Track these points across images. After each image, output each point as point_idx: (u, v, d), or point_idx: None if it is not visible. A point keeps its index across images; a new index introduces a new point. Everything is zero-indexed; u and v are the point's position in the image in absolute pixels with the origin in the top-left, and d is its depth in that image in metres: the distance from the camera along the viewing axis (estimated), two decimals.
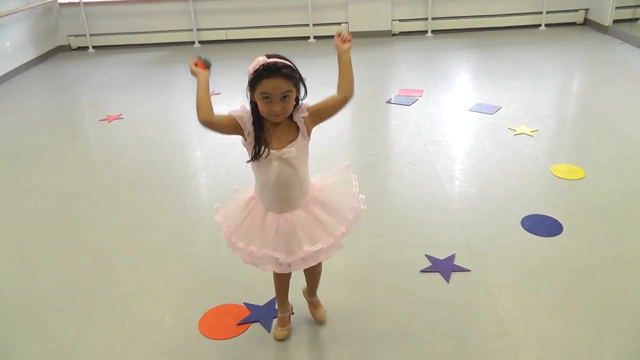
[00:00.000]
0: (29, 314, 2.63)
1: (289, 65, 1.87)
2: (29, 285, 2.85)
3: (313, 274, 2.33)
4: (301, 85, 1.94)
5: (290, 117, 1.96)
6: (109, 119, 5.19)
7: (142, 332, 2.45)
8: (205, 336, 2.38)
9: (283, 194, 2.01)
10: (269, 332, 2.38)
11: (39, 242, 3.24)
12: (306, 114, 1.96)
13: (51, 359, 2.34)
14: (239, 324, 2.43)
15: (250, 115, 1.95)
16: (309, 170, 2.08)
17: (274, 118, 1.91)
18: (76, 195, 3.79)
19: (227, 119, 1.96)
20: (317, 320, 2.40)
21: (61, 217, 3.52)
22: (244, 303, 2.54)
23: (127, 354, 2.34)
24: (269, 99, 1.86)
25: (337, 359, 2.24)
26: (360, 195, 2.13)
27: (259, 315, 2.47)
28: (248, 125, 1.94)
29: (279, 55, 1.89)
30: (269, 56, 1.87)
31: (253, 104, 1.94)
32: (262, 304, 2.51)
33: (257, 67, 1.85)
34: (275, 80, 1.83)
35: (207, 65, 2.01)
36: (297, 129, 1.97)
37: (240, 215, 2.10)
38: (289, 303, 2.39)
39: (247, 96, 1.95)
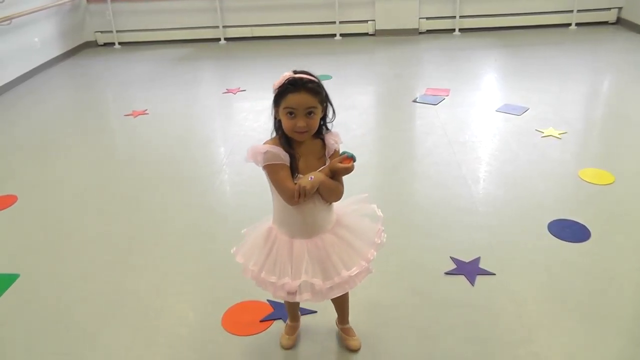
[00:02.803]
0: (54, 303, 2.67)
1: (314, 81, 1.83)
2: (53, 276, 2.89)
3: (342, 300, 2.24)
4: (329, 106, 1.90)
5: (318, 136, 1.92)
6: (134, 114, 5.23)
7: (164, 326, 2.48)
8: (228, 332, 2.39)
9: (309, 218, 1.93)
10: None
11: (63, 234, 3.29)
12: (338, 146, 1.94)
13: (76, 348, 2.38)
14: (261, 321, 2.44)
15: (277, 147, 1.87)
16: None
17: (297, 135, 1.85)
18: (100, 189, 3.83)
19: (285, 172, 1.86)
20: (351, 348, 2.26)
21: (85, 210, 3.56)
22: (267, 300, 2.54)
23: (150, 346, 2.36)
24: (293, 115, 1.81)
25: (360, 359, 2.23)
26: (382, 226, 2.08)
27: (281, 312, 2.47)
28: (285, 155, 1.85)
29: (305, 71, 1.86)
30: (295, 72, 1.84)
31: (277, 121, 1.89)
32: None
33: (283, 81, 1.81)
34: (300, 94, 1.79)
35: (354, 160, 1.87)
36: (323, 148, 1.93)
37: (264, 249, 1.99)
38: (299, 314, 2.36)
39: (271, 114, 1.90)
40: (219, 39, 8.08)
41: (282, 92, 1.81)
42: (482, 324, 2.37)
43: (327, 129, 1.95)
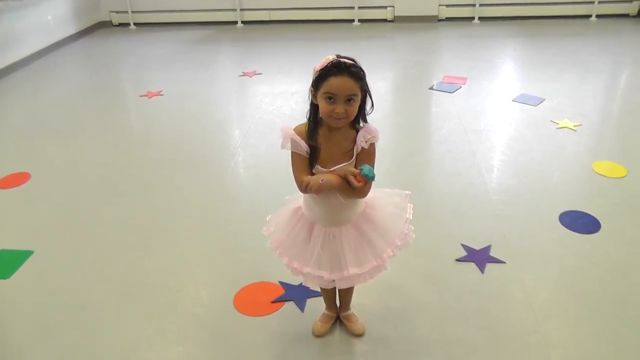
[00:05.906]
0: (71, 284, 2.71)
1: (358, 66, 1.78)
2: (70, 257, 2.93)
3: (347, 291, 2.26)
4: (368, 97, 1.84)
5: (352, 126, 1.86)
6: (149, 95, 5.26)
7: (179, 307, 2.52)
8: (240, 312, 2.44)
9: (331, 208, 1.91)
10: (303, 311, 2.42)
11: (76, 213, 3.33)
12: (366, 145, 1.84)
13: (91, 328, 2.43)
14: (273, 302, 2.48)
15: (300, 136, 1.84)
16: None
17: (335, 122, 1.79)
18: (115, 170, 3.87)
19: (301, 162, 1.85)
20: (356, 333, 2.28)
21: (100, 191, 3.59)
22: (279, 281, 2.58)
23: (164, 325, 2.41)
24: (332, 100, 1.74)
25: (370, 343, 2.26)
26: (411, 226, 2.04)
27: (293, 294, 2.51)
28: (304, 146, 1.84)
29: (349, 57, 1.79)
30: (339, 56, 1.77)
31: (313, 106, 1.84)
32: (297, 284, 2.54)
33: (325, 64, 1.75)
34: (342, 78, 1.72)
35: (367, 180, 1.77)
36: (353, 143, 1.85)
37: (287, 227, 2.03)
38: (336, 305, 2.36)
39: (309, 97, 1.85)
40: (236, 22, 8.05)
41: (324, 74, 1.75)
42: (492, 311, 2.39)
43: (365, 120, 1.88)
